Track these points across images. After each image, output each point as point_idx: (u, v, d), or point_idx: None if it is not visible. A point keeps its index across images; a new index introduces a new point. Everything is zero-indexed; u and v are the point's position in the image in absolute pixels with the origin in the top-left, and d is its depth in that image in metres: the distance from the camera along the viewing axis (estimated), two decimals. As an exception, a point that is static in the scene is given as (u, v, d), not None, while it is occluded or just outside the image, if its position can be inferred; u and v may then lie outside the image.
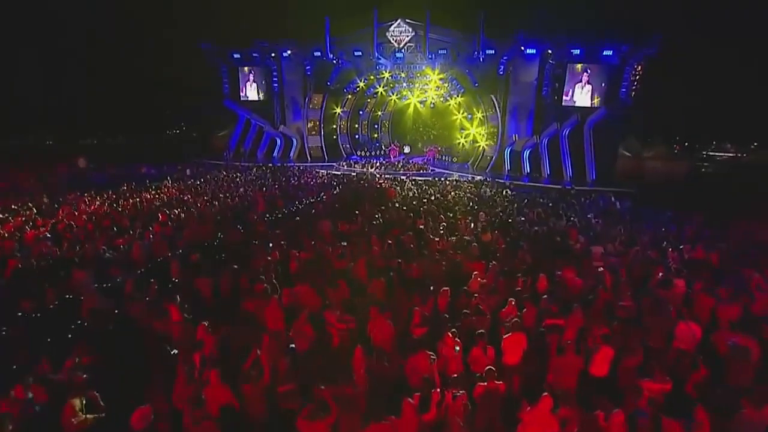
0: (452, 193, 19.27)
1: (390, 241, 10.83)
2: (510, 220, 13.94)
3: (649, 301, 8.36)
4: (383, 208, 15.74)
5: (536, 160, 28.98)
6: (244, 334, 7.08)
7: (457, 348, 6.32)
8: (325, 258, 9.95)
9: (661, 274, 9.23)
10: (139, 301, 7.41)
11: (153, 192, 17.78)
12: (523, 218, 14.25)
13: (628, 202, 19.82)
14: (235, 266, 9.02)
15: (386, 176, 26.89)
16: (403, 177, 26.41)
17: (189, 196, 17.25)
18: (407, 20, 30.76)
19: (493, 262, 9.86)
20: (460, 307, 8.31)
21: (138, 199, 16.34)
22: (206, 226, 12.50)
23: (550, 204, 17.20)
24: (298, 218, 14.11)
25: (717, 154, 53.26)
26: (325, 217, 13.78)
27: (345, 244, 10.53)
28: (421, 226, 12.74)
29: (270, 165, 30.63)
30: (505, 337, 6.81)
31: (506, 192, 20.60)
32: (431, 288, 8.75)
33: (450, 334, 6.62)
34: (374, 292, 8.56)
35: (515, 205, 16.99)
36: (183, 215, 13.81)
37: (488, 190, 21.08)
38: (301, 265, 9.53)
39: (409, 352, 6.35)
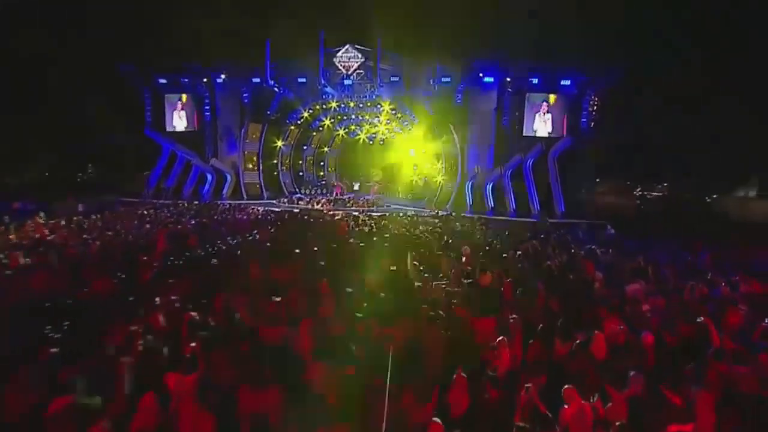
0: (420, 228, 15.85)
1: (350, 290, 6.97)
2: (504, 255, 10.62)
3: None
4: (335, 245, 11.91)
5: (500, 194, 26.67)
6: None
7: None
8: (242, 324, 5.85)
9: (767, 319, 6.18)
10: None
11: (6, 231, 12.57)
12: (519, 252, 10.99)
13: (612, 231, 17.66)
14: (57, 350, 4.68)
15: (335, 212, 23.13)
16: (356, 213, 22.81)
17: (62, 237, 12.34)
18: (356, 46, 28.42)
19: (513, 317, 6.31)
20: (490, 407, 4.60)
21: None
22: (58, 275, 7.92)
23: (542, 236, 14.24)
24: (214, 261, 9.86)
25: (647, 192, 55.27)
26: (254, 259, 9.69)
27: (278, 299, 6.50)
28: (393, 268, 9.01)
29: (196, 202, 25.77)
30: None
31: (479, 225, 17.61)
32: (430, 371, 4.97)
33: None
34: (328, 386, 4.60)
35: (499, 237, 13.86)
36: (30, 260, 9.08)
37: (458, 224, 17.96)
38: (199, 339, 5.32)
39: None
